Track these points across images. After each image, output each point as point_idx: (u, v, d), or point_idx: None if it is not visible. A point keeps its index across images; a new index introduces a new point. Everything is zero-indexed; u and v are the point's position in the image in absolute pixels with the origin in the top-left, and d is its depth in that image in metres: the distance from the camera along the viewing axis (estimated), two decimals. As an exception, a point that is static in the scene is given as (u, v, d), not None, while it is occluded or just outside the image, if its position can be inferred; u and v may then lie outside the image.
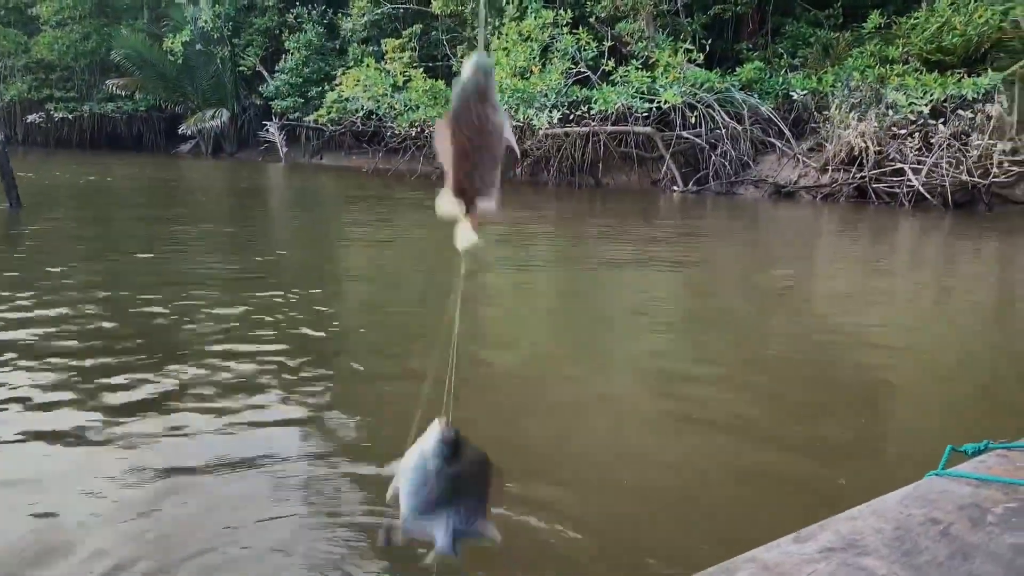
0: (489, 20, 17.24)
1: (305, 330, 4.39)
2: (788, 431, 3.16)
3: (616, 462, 2.83)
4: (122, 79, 25.99)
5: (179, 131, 25.13)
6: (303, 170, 19.67)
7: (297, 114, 21.56)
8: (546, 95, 14.86)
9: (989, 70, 11.64)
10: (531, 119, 14.79)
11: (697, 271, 7.01)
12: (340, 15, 21.21)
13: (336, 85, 18.65)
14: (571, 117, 14.93)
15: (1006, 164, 11.27)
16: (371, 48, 19.74)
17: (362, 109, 18.04)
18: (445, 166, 0.81)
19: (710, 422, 3.18)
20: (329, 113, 18.88)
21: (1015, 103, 11.25)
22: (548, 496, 2.44)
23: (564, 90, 14.89)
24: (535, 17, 15.49)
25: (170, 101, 26.12)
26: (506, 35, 15.60)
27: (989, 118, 11.38)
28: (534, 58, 15.14)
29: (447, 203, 0.82)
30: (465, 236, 0.82)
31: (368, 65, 17.90)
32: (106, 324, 4.40)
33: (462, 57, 17.98)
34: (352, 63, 19.38)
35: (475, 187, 0.81)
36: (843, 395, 3.63)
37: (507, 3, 16.25)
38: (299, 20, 22.20)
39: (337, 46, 21.65)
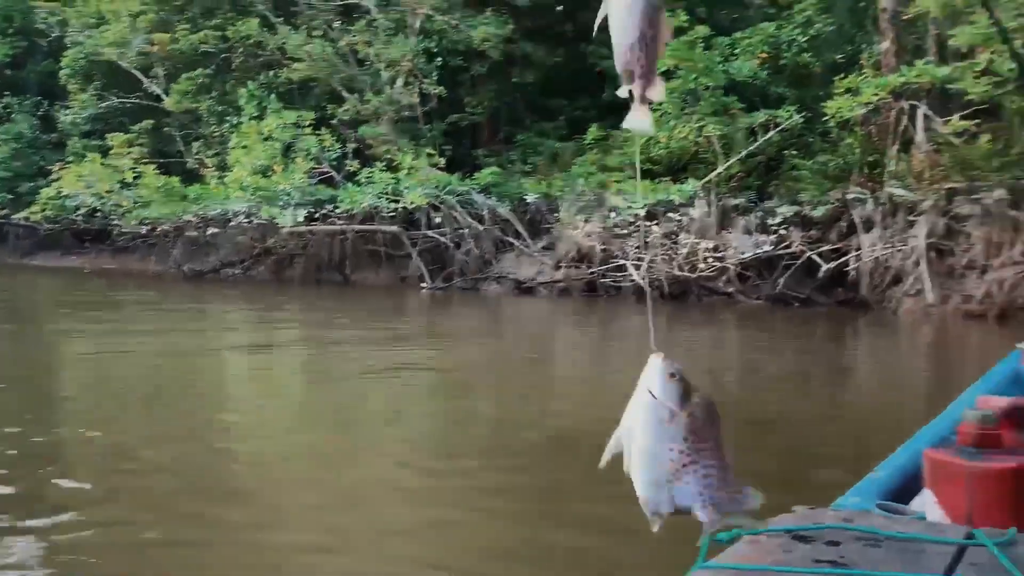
0: (227, 118, 16.94)
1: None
2: (552, 511, 3.29)
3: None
4: None
5: None
6: (9, 272, 17.68)
7: (6, 211, 19.44)
8: (289, 193, 14.72)
9: (690, 178, 13.27)
10: (275, 217, 14.52)
11: (442, 369, 7.17)
12: (58, 107, 19.73)
13: (53, 180, 17.16)
14: (317, 215, 14.86)
15: (710, 259, 12.79)
16: (94, 142, 18.47)
17: (84, 206, 16.73)
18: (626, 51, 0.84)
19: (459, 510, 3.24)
20: (44, 210, 17.26)
21: (712, 207, 12.89)
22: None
23: (309, 189, 14.83)
24: (276, 116, 15.43)
25: None
26: (245, 133, 15.36)
27: (693, 220, 12.92)
28: (276, 157, 15.00)
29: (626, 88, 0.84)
30: (638, 120, 0.84)
31: (93, 160, 16.72)
32: None
33: (197, 154, 17.41)
34: (72, 158, 17.97)
35: (649, 72, 0.83)
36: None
37: (246, 101, 16.08)
38: (8, 111, 20.33)
39: (54, 139, 20.00)
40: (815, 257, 12.13)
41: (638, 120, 0.86)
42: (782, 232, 12.45)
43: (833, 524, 1.01)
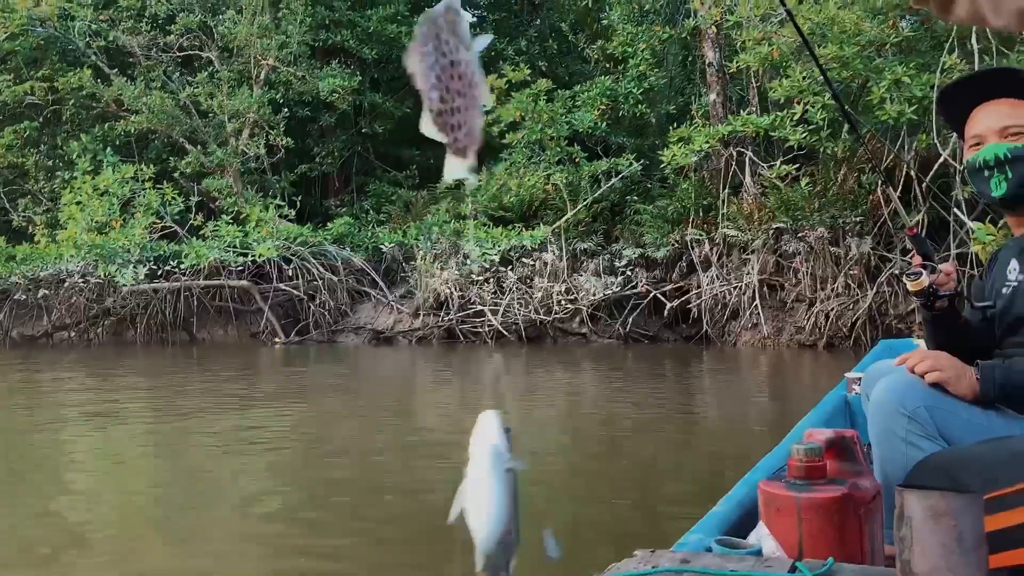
0: (58, 172, 16.01)
1: None
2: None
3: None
4: None
5: None
6: None
7: None
8: (129, 250, 14.01)
9: (541, 224, 13.67)
10: (113, 276, 13.77)
11: (299, 432, 7.02)
12: None
13: None
14: (160, 272, 14.20)
15: (563, 302, 13.17)
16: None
17: None
18: (422, 91, 0.82)
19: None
20: None
21: (563, 251, 13.32)
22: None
23: (150, 245, 14.18)
24: (113, 171, 14.72)
25: None
26: (79, 189, 14.54)
27: (546, 264, 13.30)
28: (113, 212, 14.28)
29: (427, 126, 0.82)
30: (454, 167, 0.82)
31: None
32: None
33: (24, 211, 16.32)
34: None
35: (452, 123, 0.82)
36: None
37: (78, 155, 15.26)
38: None
39: None
40: (660, 296, 12.75)
41: (455, 169, 0.87)
42: (629, 273, 13.03)
43: (669, 567, 1.10)
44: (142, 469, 5.26)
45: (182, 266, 14.00)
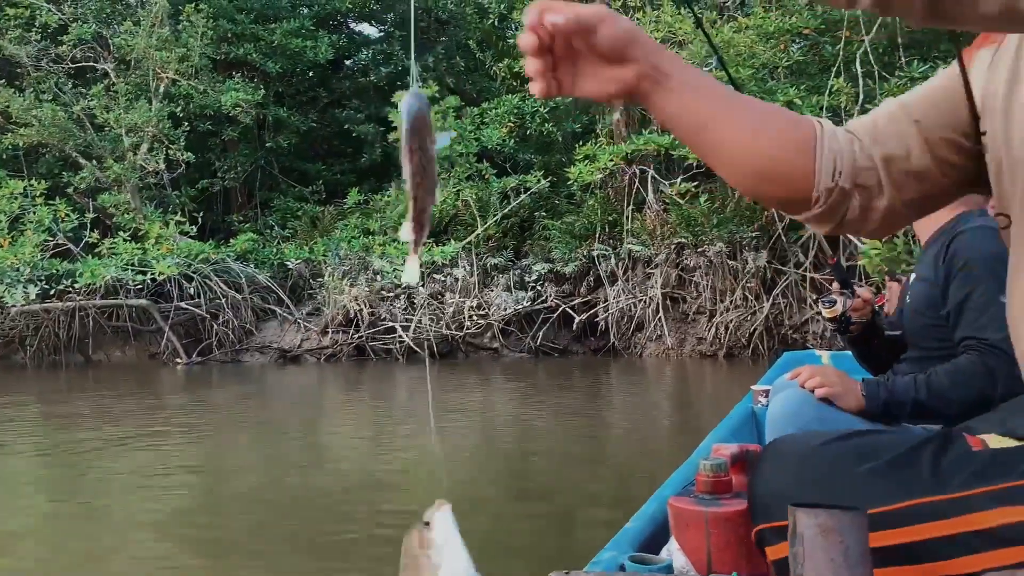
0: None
1: None
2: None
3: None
4: None
5: None
6: None
7: None
8: (18, 269, 13.35)
9: (452, 240, 13.73)
10: (1, 296, 13.09)
11: (202, 464, 6.87)
12: None
13: None
14: (52, 292, 13.57)
15: (475, 317, 13.24)
16: None
17: None
18: (410, 191, 0.84)
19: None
20: None
21: (473, 266, 13.40)
22: None
23: (41, 264, 13.54)
24: (0, 186, 14.01)
25: None
26: (-38, 205, 13.78)
27: (456, 280, 13.35)
28: (2, 230, 13.58)
29: (407, 233, 0.84)
30: (414, 269, 0.85)
31: None
32: None
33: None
34: None
35: (424, 221, 0.84)
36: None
37: (-39, 171, 14.46)
38: None
39: None
40: (569, 310, 12.97)
41: (411, 271, 0.91)
42: (538, 288, 13.21)
43: None
44: (28, 513, 5.04)
45: (76, 285, 13.42)
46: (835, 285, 2.47)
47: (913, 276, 2.36)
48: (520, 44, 0.96)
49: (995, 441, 0.97)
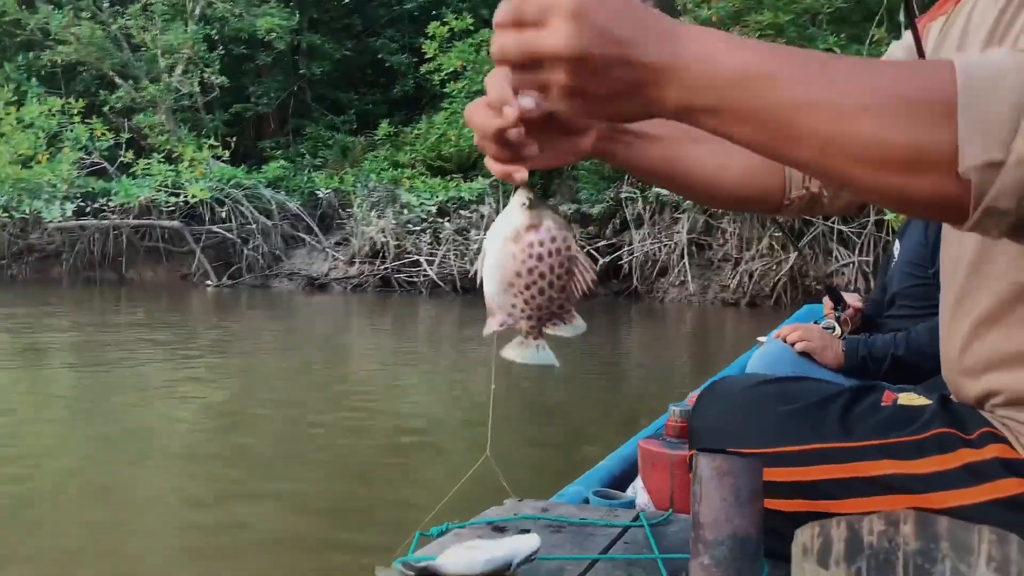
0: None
1: None
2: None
3: None
4: None
5: None
6: None
7: None
8: (55, 186, 13.63)
9: (480, 176, 13.73)
10: (39, 211, 13.40)
11: (231, 381, 7.09)
12: None
13: None
14: (88, 210, 13.86)
15: (498, 254, 13.31)
16: None
17: None
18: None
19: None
20: None
21: (500, 204, 13.42)
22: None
23: (78, 181, 13.81)
24: (39, 102, 14.20)
25: None
26: (2, 120, 14.01)
27: (483, 216, 13.40)
28: (40, 146, 13.82)
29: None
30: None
31: None
32: None
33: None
34: None
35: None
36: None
37: (1, 86, 14.67)
38: None
39: None
40: (593, 252, 12.99)
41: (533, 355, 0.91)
42: (564, 228, 13.21)
43: (528, 515, 1.26)
44: (62, 422, 5.29)
45: (111, 204, 13.69)
46: (827, 304, 2.59)
47: (897, 243, 2.43)
48: (475, 122, 0.83)
49: (906, 399, 1.05)
